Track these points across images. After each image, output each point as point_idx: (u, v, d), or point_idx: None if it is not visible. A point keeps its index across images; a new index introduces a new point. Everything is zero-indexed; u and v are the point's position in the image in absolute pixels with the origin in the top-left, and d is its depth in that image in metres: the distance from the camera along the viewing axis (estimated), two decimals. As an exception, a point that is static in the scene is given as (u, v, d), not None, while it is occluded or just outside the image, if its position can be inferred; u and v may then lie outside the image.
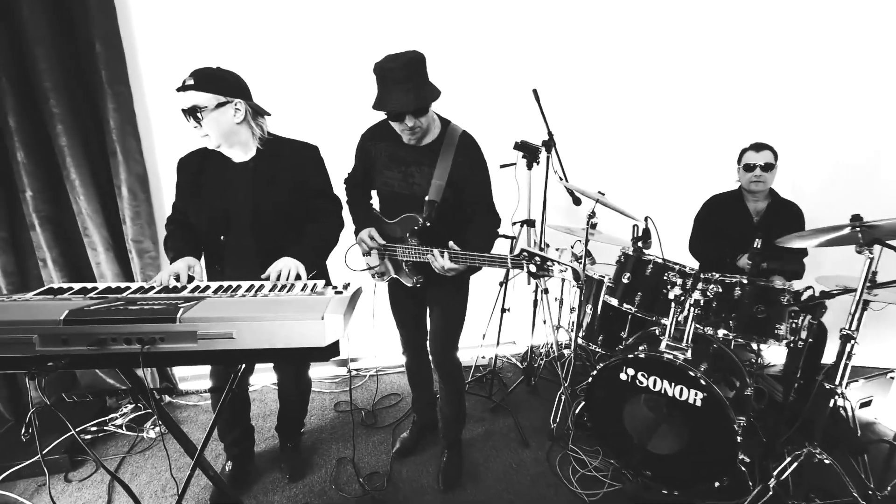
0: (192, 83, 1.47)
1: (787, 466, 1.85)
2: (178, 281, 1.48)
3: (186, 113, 1.50)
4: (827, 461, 1.83)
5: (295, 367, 2.07)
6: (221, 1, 2.42)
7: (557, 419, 2.46)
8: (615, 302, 2.25)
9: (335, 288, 1.35)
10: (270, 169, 1.66)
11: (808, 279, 2.27)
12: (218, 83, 1.51)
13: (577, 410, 2.43)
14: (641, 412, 2.01)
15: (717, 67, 3.03)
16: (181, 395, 2.65)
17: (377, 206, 1.98)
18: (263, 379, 2.89)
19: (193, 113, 1.49)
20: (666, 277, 2.10)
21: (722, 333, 2.00)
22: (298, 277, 1.50)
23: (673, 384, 1.89)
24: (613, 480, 2.08)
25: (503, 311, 2.78)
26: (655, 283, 2.12)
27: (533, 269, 1.53)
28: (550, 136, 2.48)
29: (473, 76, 2.76)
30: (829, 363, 2.04)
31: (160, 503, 1.98)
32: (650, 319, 2.18)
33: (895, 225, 1.64)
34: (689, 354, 1.94)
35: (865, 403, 2.31)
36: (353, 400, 2.74)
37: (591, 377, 2.10)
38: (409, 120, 1.60)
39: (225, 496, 1.80)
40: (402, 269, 1.87)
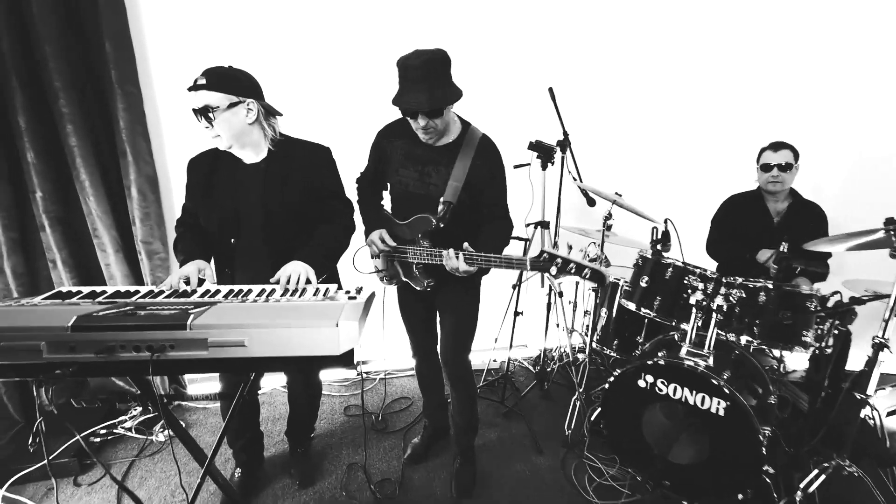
0: (203, 82, 1.44)
1: (814, 479, 1.78)
2: (188, 284, 1.45)
3: (198, 113, 1.47)
4: (857, 474, 1.75)
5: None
6: (232, -1, 2.39)
7: (572, 425, 2.40)
8: (632, 306, 2.18)
9: (348, 292, 1.31)
10: (282, 170, 1.63)
11: (833, 283, 2.19)
12: (230, 83, 1.48)
13: (592, 417, 2.37)
14: (660, 420, 1.95)
15: (737, 65, 2.95)
16: (191, 399, 2.62)
17: (388, 207, 1.94)
18: (273, 381, 2.86)
19: (205, 113, 1.46)
20: (686, 281, 2.03)
21: (745, 340, 1.93)
22: (308, 282, 1.46)
23: (694, 392, 1.83)
24: (632, 490, 2.02)
25: (516, 314, 2.73)
26: (675, 287, 2.06)
27: (554, 271, 1.48)
28: (566, 135, 2.42)
29: (487, 74, 2.70)
30: (853, 370, 1.97)
31: (169, 509, 1.96)
32: (669, 324, 2.12)
33: (931, 229, 1.57)
34: (710, 361, 1.88)
35: (893, 412, 2.23)
36: (363, 404, 2.70)
37: (607, 383, 2.04)
38: (420, 119, 1.58)
39: (235, 504, 1.77)
40: (412, 272, 1.83)
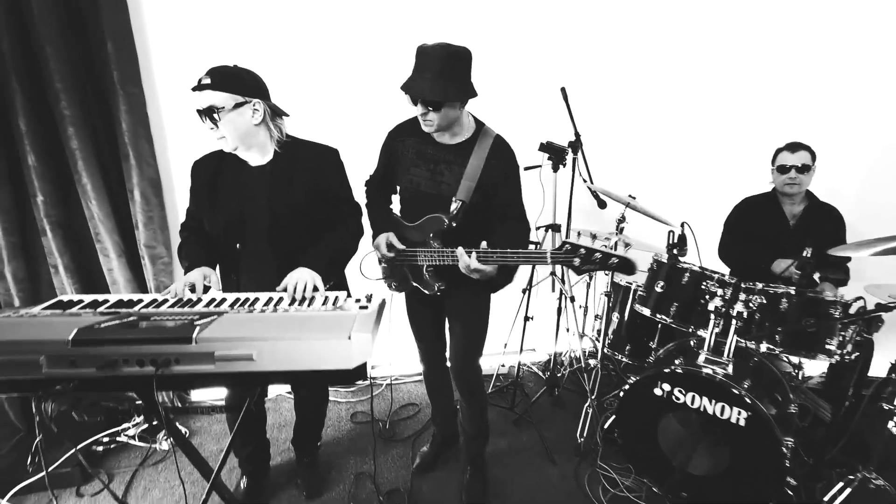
0: (208, 82, 1.39)
1: (839, 492, 1.72)
2: (193, 292, 1.40)
3: (202, 114, 1.42)
4: (886, 487, 1.69)
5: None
6: (236, -3, 2.34)
7: (584, 433, 2.34)
8: (647, 312, 2.13)
9: (358, 301, 1.26)
10: (288, 172, 1.58)
11: (854, 289, 2.13)
12: (236, 82, 1.43)
13: (605, 425, 2.32)
14: (677, 429, 1.90)
15: (752, 64, 2.88)
16: (196, 412, 2.58)
17: (397, 210, 1.88)
18: (278, 387, 2.80)
19: (210, 113, 1.41)
20: (704, 287, 1.97)
21: (765, 347, 1.87)
22: (316, 289, 1.41)
23: (713, 401, 1.78)
24: (648, 502, 1.96)
25: (526, 318, 2.67)
26: (692, 292, 2.00)
27: (577, 262, 1.42)
28: (577, 136, 2.37)
29: (498, 74, 2.62)
30: (875, 377, 1.91)
31: (173, 520, 1.92)
32: (685, 331, 2.06)
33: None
34: (729, 369, 1.82)
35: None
36: (372, 412, 2.64)
37: (622, 391, 1.99)
38: (420, 105, 1.53)
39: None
40: (422, 276, 1.77)
